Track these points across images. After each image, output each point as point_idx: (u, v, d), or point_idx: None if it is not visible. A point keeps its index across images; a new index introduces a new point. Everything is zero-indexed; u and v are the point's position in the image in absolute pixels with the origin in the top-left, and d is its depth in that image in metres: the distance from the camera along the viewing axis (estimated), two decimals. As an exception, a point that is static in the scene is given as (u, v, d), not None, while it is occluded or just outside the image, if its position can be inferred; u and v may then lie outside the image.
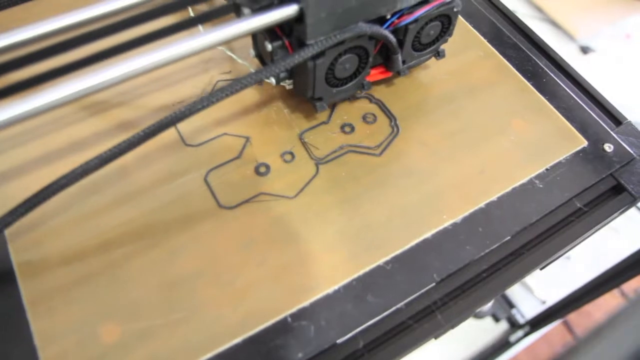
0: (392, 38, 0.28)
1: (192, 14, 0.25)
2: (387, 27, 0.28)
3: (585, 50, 0.98)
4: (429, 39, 0.31)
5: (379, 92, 0.33)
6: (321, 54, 0.27)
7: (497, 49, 0.36)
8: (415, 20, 0.29)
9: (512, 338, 0.70)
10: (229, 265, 0.26)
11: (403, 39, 0.29)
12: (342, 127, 0.31)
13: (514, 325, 0.73)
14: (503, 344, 0.71)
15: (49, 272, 0.25)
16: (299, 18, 0.25)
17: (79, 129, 0.30)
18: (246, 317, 0.25)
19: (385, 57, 0.31)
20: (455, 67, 0.34)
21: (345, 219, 0.28)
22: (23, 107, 0.22)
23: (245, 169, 0.29)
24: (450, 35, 0.32)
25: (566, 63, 0.35)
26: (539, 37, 0.36)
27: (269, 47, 0.27)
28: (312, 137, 0.30)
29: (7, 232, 0.26)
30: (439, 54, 0.32)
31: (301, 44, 0.26)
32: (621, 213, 0.31)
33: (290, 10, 0.25)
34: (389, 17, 0.28)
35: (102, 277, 0.25)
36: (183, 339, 0.24)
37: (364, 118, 0.31)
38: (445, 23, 0.30)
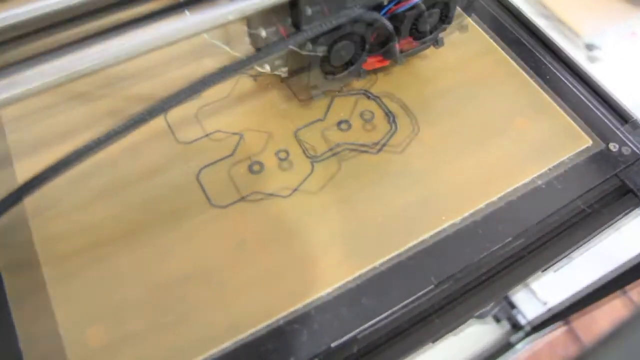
0: (389, 25, 0.28)
1: None
2: (384, 14, 0.28)
3: (590, 48, 0.97)
4: (427, 27, 0.30)
5: (377, 88, 0.32)
6: (316, 40, 0.26)
7: (499, 45, 0.35)
8: (413, 7, 0.28)
9: (513, 339, 0.70)
10: (221, 267, 0.25)
11: (400, 26, 0.29)
12: (339, 124, 0.30)
13: (515, 326, 0.72)
14: (504, 345, 0.70)
15: (34, 273, 0.25)
16: (294, 3, 0.25)
17: (68, 118, 0.30)
18: (238, 321, 0.24)
19: (383, 45, 0.30)
20: (457, 64, 0.33)
21: (340, 219, 0.27)
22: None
23: (238, 167, 0.28)
24: (449, 23, 0.31)
25: (571, 59, 0.34)
26: (543, 33, 0.35)
27: (263, 33, 0.26)
28: (308, 135, 0.30)
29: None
30: (437, 43, 0.32)
31: (296, 30, 0.25)
32: (626, 215, 0.30)
33: None
34: (386, 3, 0.27)
35: (90, 279, 0.25)
36: (172, 343, 0.23)
37: (361, 115, 0.30)
38: (444, 11, 0.30)
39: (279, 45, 0.25)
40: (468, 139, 0.30)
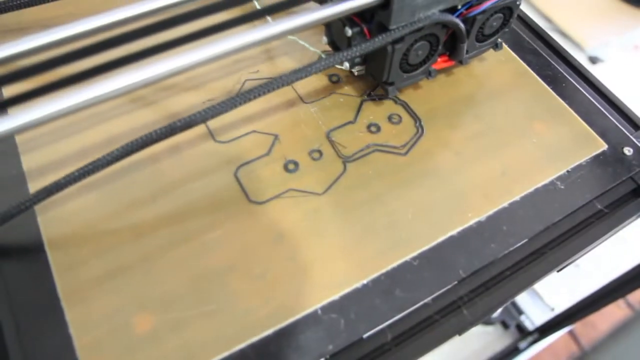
0: (463, 27, 0.30)
1: (258, 6, 0.26)
2: (456, 17, 0.30)
3: (594, 60, 0.99)
4: (491, 30, 0.32)
5: (403, 93, 0.33)
6: (400, 39, 0.28)
7: (517, 54, 0.36)
8: (483, 12, 0.30)
9: (521, 345, 0.71)
10: (260, 259, 0.27)
11: (470, 29, 0.31)
12: (369, 127, 0.32)
13: (522, 331, 0.73)
14: (512, 351, 0.71)
15: (83, 263, 0.26)
16: (385, 4, 0.27)
17: (123, 122, 0.31)
18: (277, 310, 0.25)
19: (450, 46, 0.32)
20: (478, 71, 0.35)
21: (372, 215, 0.28)
22: (83, 96, 0.23)
23: (274, 166, 0.30)
24: (508, 27, 0.33)
25: (585, 69, 0.36)
26: (558, 44, 0.37)
27: (349, 32, 0.29)
28: (339, 136, 0.31)
29: (43, 227, 0.27)
30: (497, 46, 0.34)
31: (381, 30, 0.28)
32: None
33: None
34: (459, 7, 0.29)
35: (136, 269, 0.26)
36: (215, 330, 0.24)
37: (390, 118, 0.32)
38: (507, 15, 0.32)
39: (368, 43, 0.27)
40: (491, 142, 0.32)
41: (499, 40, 0.34)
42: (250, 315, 0.25)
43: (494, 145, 0.32)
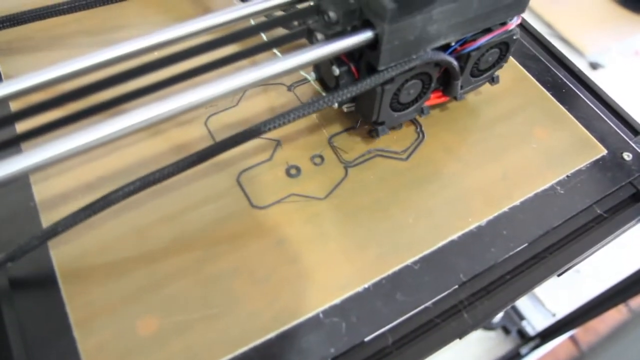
0: (457, 65, 0.29)
1: (265, 39, 0.26)
2: (450, 54, 0.29)
3: (594, 66, 1.00)
4: (487, 65, 0.31)
5: (404, 99, 0.34)
6: (390, 79, 0.27)
7: (517, 61, 0.37)
8: (478, 48, 0.29)
9: (523, 350, 0.71)
10: (263, 263, 0.27)
11: (464, 65, 0.30)
12: (370, 132, 0.32)
13: (524, 337, 0.73)
14: (514, 356, 0.71)
15: (88, 266, 0.26)
16: (373, 45, 0.26)
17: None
18: (279, 313, 0.25)
19: (443, 82, 0.31)
20: (477, 77, 0.35)
21: (374, 220, 0.29)
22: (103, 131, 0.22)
23: (276, 171, 0.30)
24: (505, 61, 0.32)
25: (585, 75, 0.36)
26: (558, 50, 0.38)
27: (337, 71, 0.27)
28: (341, 142, 0.31)
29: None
30: (493, 80, 0.33)
31: (370, 70, 0.27)
32: (639, 220, 0.32)
33: (365, 37, 0.25)
34: (452, 44, 0.28)
35: (140, 272, 0.26)
36: (218, 333, 0.25)
37: (391, 124, 0.32)
38: (503, 50, 0.31)
39: (358, 85, 0.26)
40: (491, 147, 0.32)
41: (496, 74, 0.33)
42: (254, 319, 0.25)
43: (494, 150, 0.32)
